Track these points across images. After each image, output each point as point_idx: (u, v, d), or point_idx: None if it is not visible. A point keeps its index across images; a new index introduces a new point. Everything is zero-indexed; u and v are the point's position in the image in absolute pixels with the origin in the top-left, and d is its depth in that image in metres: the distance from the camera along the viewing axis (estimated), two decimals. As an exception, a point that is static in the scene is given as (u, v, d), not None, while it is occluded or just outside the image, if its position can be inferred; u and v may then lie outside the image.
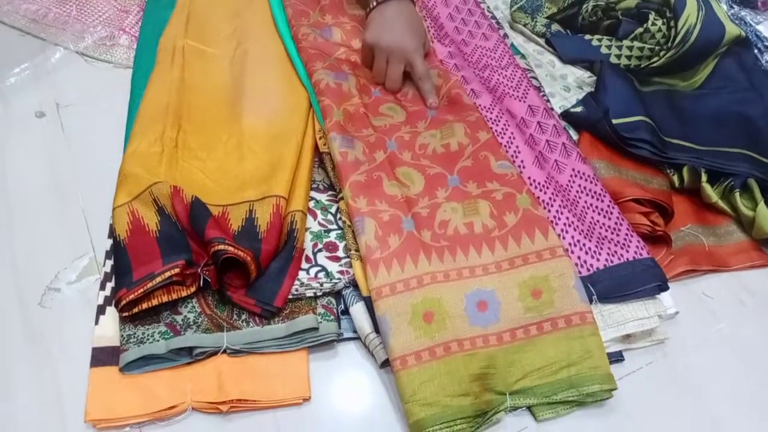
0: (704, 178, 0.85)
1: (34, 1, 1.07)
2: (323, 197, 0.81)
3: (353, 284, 0.72)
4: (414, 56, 0.89)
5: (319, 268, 0.72)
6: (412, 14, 0.93)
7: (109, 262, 0.74)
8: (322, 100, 0.86)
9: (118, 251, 0.70)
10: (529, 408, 0.66)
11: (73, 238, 0.78)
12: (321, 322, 0.69)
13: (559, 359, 0.66)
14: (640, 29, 0.99)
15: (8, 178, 0.84)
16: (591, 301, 0.69)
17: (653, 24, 0.98)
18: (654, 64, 0.97)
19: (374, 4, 0.91)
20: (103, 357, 0.67)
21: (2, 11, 1.05)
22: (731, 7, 1.13)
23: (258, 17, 1.01)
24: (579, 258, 0.73)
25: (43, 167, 0.85)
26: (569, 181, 0.80)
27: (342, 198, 0.78)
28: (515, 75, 0.95)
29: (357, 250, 0.72)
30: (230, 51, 0.95)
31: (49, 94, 0.94)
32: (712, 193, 0.85)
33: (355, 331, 0.71)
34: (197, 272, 0.68)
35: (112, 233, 0.73)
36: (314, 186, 0.82)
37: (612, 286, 0.71)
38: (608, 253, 0.73)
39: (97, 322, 0.70)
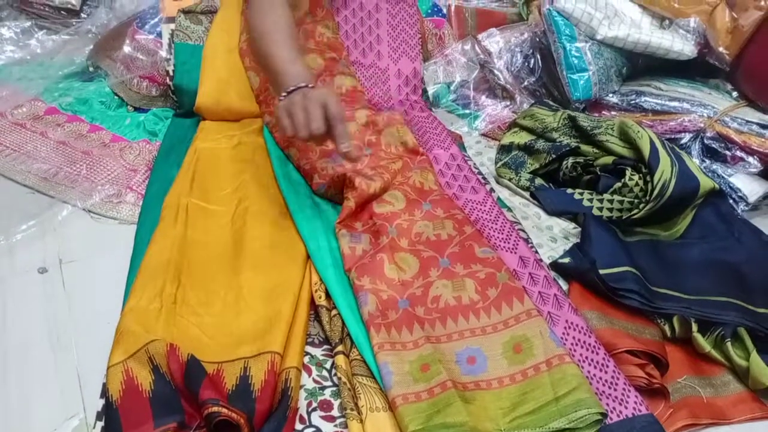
0: (695, 328, 0.86)
1: (45, 161, 1.13)
2: (318, 352, 0.82)
3: (349, 446, 0.70)
4: (328, 97, 0.89)
5: (313, 429, 0.71)
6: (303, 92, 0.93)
7: (100, 424, 0.72)
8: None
9: (109, 412, 0.69)
10: None
11: (66, 396, 0.76)
12: (315, 489, 0.66)
13: (546, 396, 0.71)
14: (619, 184, 1.05)
15: (8, 333, 0.84)
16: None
17: (630, 179, 1.04)
18: (635, 216, 1.02)
19: (285, 93, 0.92)
20: None
21: (15, 170, 1.11)
22: (703, 161, 1.20)
23: (259, 175, 1.07)
24: (577, 415, 0.73)
25: (42, 323, 0.85)
26: (563, 333, 0.81)
27: (337, 353, 0.78)
28: (504, 227, 1.00)
29: (352, 410, 0.71)
30: (232, 208, 1.00)
31: (54, 250, 0.96)
32: (704, 344, 0.86)
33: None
34: (189, 436, 0.67)
35: (104, 393, 0.73)
36: (309, 340, 0.83)
37: (613, 444, 0.70)
38: (606, 410, 0.72)
39: (82, 491, 0.67)
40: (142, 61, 1.30)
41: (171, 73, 1.25)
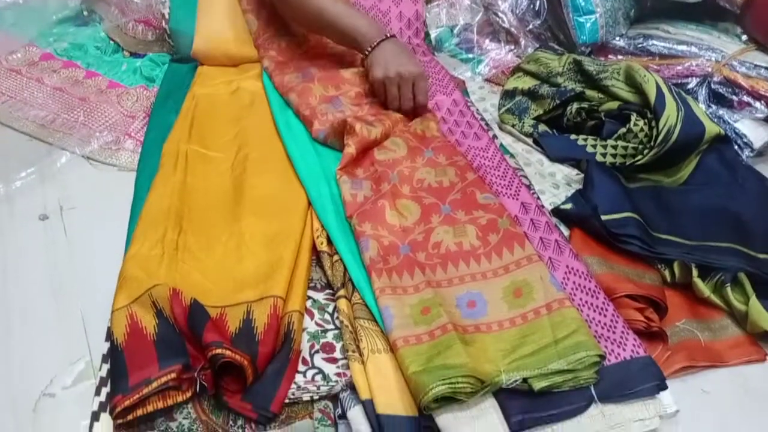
0: (695, 273, 0.87)
1: (42, 107, 1.12)
2: (320, 296, 0.82)
3: (350, 387, 0.71)
4: (418, 78, 1.02)
5: (316, 371, 0.72)
6: (405, 47, 1.06)
7: (106, 366, 0.73)
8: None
9: (114, 355, 0.70)
10: (526, 382, 0.69)
11: (70, 341, 0.78)
12: (318, 428, 0.68)
13: (545, 339, 0.72)
14: (623, 129, 1.04)
15: (8, 280, 0.84)
16: (591, 402, 0.69)
17: (635, 124, 1.03)
18: (638, 162, 1.01)
19: (370, 48, 1.03)
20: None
21: (12, 117, 1.10)
22: (709, 106, 1.18)
23: (259, 122, 1.05)
24: (576, 357, 0.74)
25: (44, 270, 0.86)
26: (564, 278, 0.82)
27: (339, 297, 0.79)
28: (507, 173, 0.99)
29: (354, 351, 0.72)
30: (232, 155, 0.99)
31: (54, 197, 0.96)
32: (704, 288, 0.86)
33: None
34: (194, 377, 0.68)
35: (109, 337, 0.74)
36: (311, 285, 0.83)
37: (611, 386, 0.71)
38: (605, 352, 0.73)
39: (91, 430, 0.68)
40: (136, 5, 1.27)
41: (167, 17, 1.22)
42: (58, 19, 1.34)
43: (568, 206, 0.94)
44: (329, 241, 0.86)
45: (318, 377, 0.72)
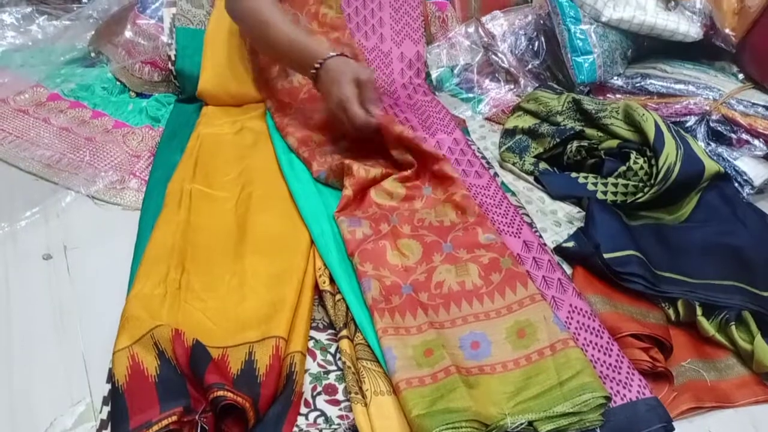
0: (699, 311, 0.86)
1: (48, 147, 1.13)
2: (323, 336, 0.82)
3: (353, 429, 0.70)
4: (357, 72, 0.99)
5: (318, 413, 0.71)
6: (345, 64, 1.01)
7: (106, 409, 0.73)
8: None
9: (115, 397, 0.69)
10: (531, 425, 0.68)
11: (72, 382, 0.77)
12: (320, 472, 0.67)
13: (550, 380, 0.71)
14: (623, 167, 1.05)
15: (12, 319, 0.84)
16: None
17: (635, 162, 1.04)
18: (639, 200, 1.01)
19: (314, 70, 1.01)
20: None
21: (18, 157, 1.11)
22: (708, 144, 1.19)
23: (262, 161, 1.07)
24: (581, 398, 0.73)
25: (47, 310, 0.86)
26: (567, 317, 0.81)
27: (342, 337, 0.78)
28: (508, 212, 0.99)
29: (357, 393, 0.72)
30: (235, 193, 0.99)
31: (58, 236, 0.97)
32: (708, 327, 0.86)
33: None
34: (195, 420, 0.67)
35: (110, 378, 0.73)
36: (314, 325, 0.83)
37: (617, 428, 0.70)
38: (611, 393, 0.72)
39: (89, 475, 0.67)
40: (143, 46, 1.29)
41: (173, 58, 1.25)
42: (65, 61, 1.37)
43: (570, 244, 0.94)
44: (332, 280, 0.86)
45: (320, 419, 0.71)
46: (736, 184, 1.14)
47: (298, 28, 1.09)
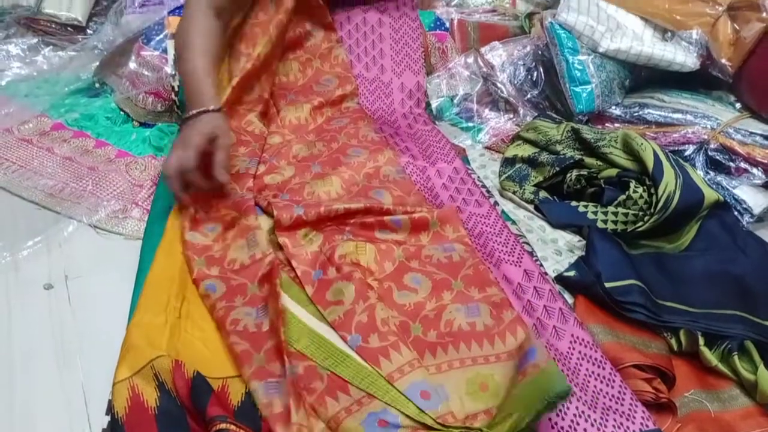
0: (701, 341, 0.86)
1: (52, 177, 1.14)
2: (324, 367, 0.81)
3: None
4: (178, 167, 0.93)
5: (320, 445, 0.70)
6: (197, 130, 0.95)
7: (105, 441, 0.72)
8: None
9: (115, 429, 0.69)
10: None
11: (71, 414, 0.77)
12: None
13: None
14: (623, 196, 1.05)
15: (13, 350, 0.84)
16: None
17: (634, 191, 1.04)
18: (639, 229, 1.01)
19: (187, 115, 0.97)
20: None
21: (22, 186, 1.11)
22: (707, 172, 1.20)
23: (263, 190, 1.07)
24: (585, 431, 0.72)
25: (48, 340, 0.85)
26: (569, 348, 0.81)
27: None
28: (509, 240, 0.99)
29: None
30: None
31: (60, 265, 0.97)
32: (711, 357, 0.85)
33: None
34: (195, 453, 0.67)
35: (110, 409, 0.73)
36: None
37: (621, 460, 0.69)
38: (614, 426, 0.72)
39: None
40: (147, 77, 1.31)
41: (176, 89, 1.26)
42: (70, 91, 1.38)
43: (571, 273, 0.95)
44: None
45: (321, 452, 0.70)
46: (736, 213, 1.14)
47: (210, 65, 1.04)
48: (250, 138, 1.14)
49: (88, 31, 1.56)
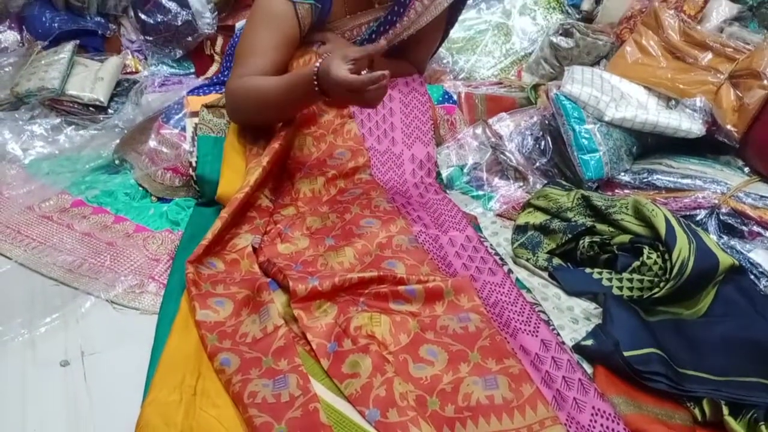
0: (726, 411, 0.84)
1: (71, 253, 1.16)
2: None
3: None
4: (344, 55, 1.06)
5: None
6: (329, 66, 1.05)
7: None
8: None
9: None
10: None
11: (83, 497, 0.75)
12: None
13: None
14: (637, 262, 1.05)
15: (28, 427, 0.83)
16: None
17: (648, 257, 1.04)
18: (656, 295, 1.01)
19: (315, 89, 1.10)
20: None
21: (41, 263, 1.13)
22: (720, 237, 1.20)
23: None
24: None
25: (63, 418, 0.85)
26: (591, 421, 0.79)
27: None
28: (524, 309, 0.99)
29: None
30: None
31: (76, 342, 0.97)
32: (737, 427, 0.83)
33: None
34: None
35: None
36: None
37: None
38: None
39: None
40: (166, 154, 1.35)
41: (194, 164, 1.30)
42: (90, 168, 1.42)
43: (589, 342, 0.93)
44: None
45: None
46: (752, 276, 1.13)
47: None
48: (255, 214, 1.17)
49: (110, 111, 1.63)
